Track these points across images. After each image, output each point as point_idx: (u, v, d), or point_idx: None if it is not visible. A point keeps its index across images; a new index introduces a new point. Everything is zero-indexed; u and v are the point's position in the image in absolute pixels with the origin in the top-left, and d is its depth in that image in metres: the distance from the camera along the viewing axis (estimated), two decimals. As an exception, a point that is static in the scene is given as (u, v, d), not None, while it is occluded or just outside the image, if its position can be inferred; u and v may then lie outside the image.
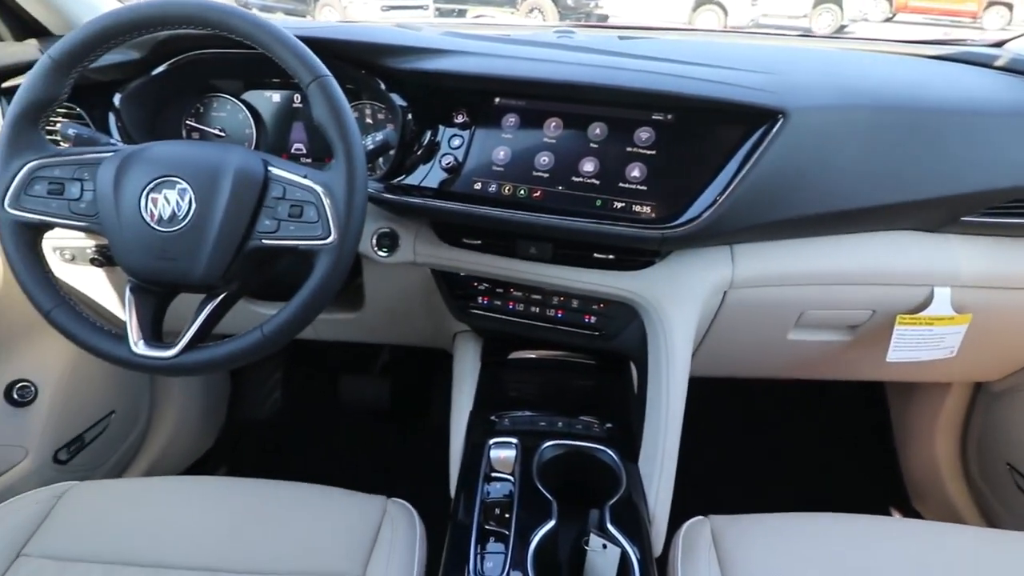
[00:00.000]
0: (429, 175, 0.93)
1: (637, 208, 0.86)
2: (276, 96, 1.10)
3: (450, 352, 1.24)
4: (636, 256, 0.94)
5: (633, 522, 0.81)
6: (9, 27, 1.10)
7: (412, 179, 0.94)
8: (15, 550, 0.80)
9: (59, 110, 1.02)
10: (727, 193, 0.83)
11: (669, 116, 0.86)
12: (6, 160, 0.76)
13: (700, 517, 0.89)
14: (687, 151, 0.86)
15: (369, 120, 1.06)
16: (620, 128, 0.88)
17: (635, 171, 0.86)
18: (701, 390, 1.09)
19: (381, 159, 1.04)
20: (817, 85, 0.89)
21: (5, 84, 1.03)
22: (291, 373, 1.80)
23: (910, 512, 1.56)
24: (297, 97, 1.09)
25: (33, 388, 1.18)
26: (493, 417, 1.01)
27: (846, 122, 0.87)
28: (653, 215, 0.85)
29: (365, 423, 1.76)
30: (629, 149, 0.87)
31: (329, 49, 0.92)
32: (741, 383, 1.29)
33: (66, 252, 1.11)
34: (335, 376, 1.76)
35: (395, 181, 0.95)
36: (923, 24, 10.54)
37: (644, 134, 0.87)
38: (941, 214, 0.94)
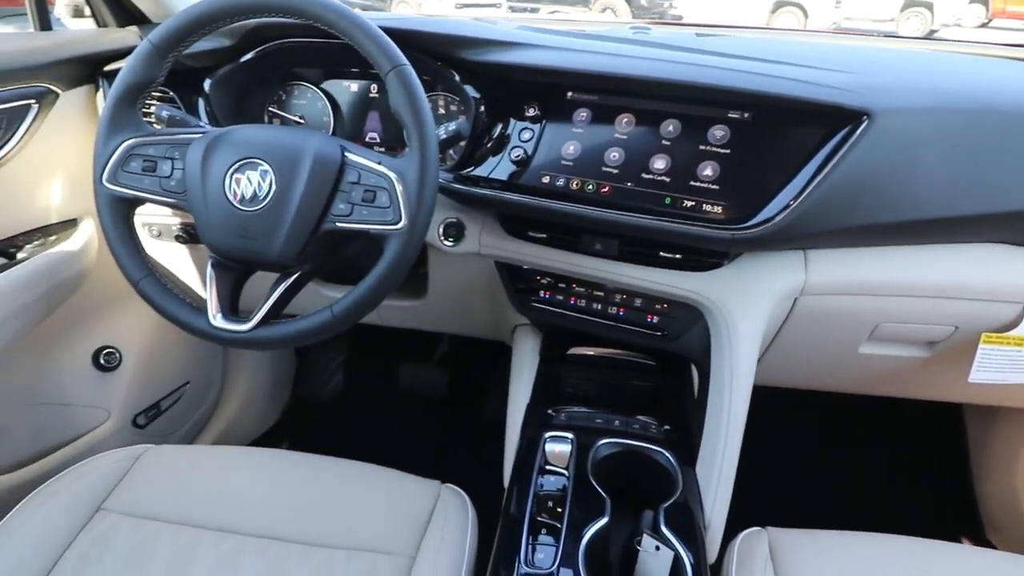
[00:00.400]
0: (498, 167, 0.94)
1: (707, 208, 0.84)
2: (354, 85, 1.13)
3: (509, 345, 1.24)
4: (704, 257, 0.92)
5: (688, 527, 0.80)
6: (113, 14, 1.18)
7: (481, 170, 0.95)
8: (96, 504, 0.85)
9: (154, 93, 1.08)
10: (803, 196, 0.80)
11: (746, 115, 0.84)
12: (106, 138, 0.81)
13: (757, 528, 0.87)
14: (763, 151, 0.83)
15: (442, 111, 1.08)
16: (694, 126, 0.86)
17: (707, 170, 0.85)
18: (765, 398, 1.06)
19: (452, 150, 1.06)
20: (904, 87, 0.85)
21: (107, 67, 1.10)
22: (353, 357, 1.85)
23: (983, 543, 1.47)
24: (374, 87, 1.12)
25: (118, 355, 1.25)
26: (550, 411, 1.01)
27: (935, 126, 0.82)
28: (724, 215, 0.83)
29: (421, 410, 1.80)
30: (702, 147, 0.85)
31: (408, 40, 0.94)
32: (808, 394, 1.24)
33: (154, 228, 1.17)
34: (395, 363, 1.80)
35: (464, 172, 0.96)
36: (1021, 31, 9.86)
37: (719, 132, 0.85)
38: (1036, 227, 0.88)
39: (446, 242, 1.03)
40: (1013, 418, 1.39)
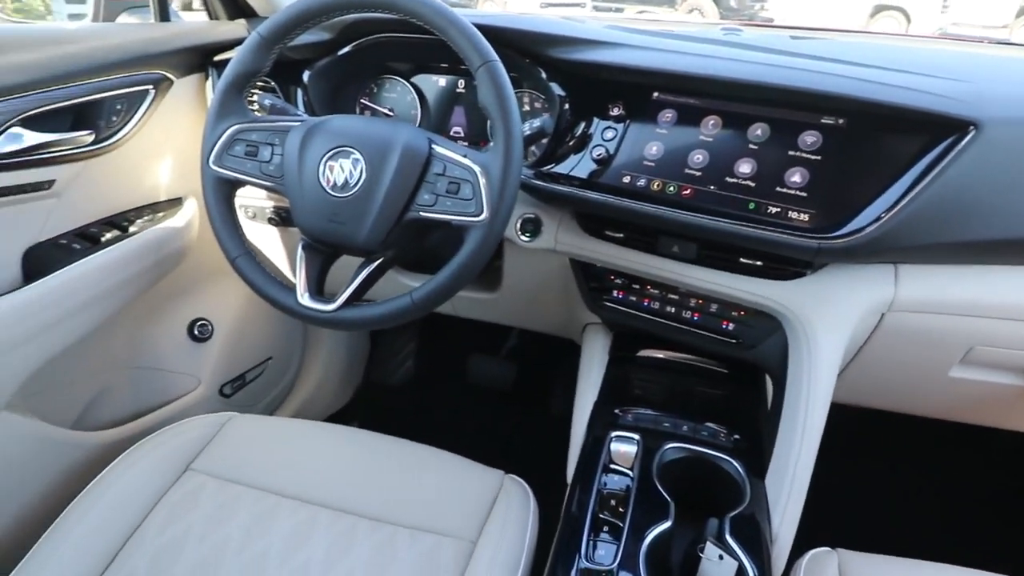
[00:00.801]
0: (579, 165, 0.95)
1: (794, 215, 0.82)
2: (442, 80, 1.16)
3: (578, 343, 1.25)
4: (786, 265, 0.90)
5: (754, 539, 0.78)
6: (224, 8, 1.25)
7: (562, 168, 0.96)
8: (185, 464, 0.91)
9: (258, 83, 1.15)
10: (898, 208, 0.77)
11: (841, 121, 0.81)
12: (215, 123, 0.87)
13: (827, 548, 0.84)
14: (857, 159, 0.80)
15: (527, 108, 1.09)
16: (784, 130, 0.84)
17: (796, 176, 0.82)
18: (844, 413, 1.02)
19: (534, 146, 1.07)
20: (1014, 96, 0.80)
21: (217, 57, 1.17)
22: (424, 345, 1.90)
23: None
24: (461, 83, 1.15)
25: (211, 327, 1.34)
26: (616, 411, 1.01)
27: (1050, 139, 0.77)
28: (811, 223, 0.81)
29: (487, 401, 1.82)
30: (792, 153, 0.83)
31: (497, 36, 0.95)
32: (892, 416, 1.19)
33: (249, 210, 1.24)
34: (464, 353, 1.83)
35: (545, 169, 0.97)
36: None
37: (810, 138, 0.82)
38: None
39: (523, 237, 1.04)
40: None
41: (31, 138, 0.91)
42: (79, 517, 0.81)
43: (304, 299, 0.84)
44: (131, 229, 1.09)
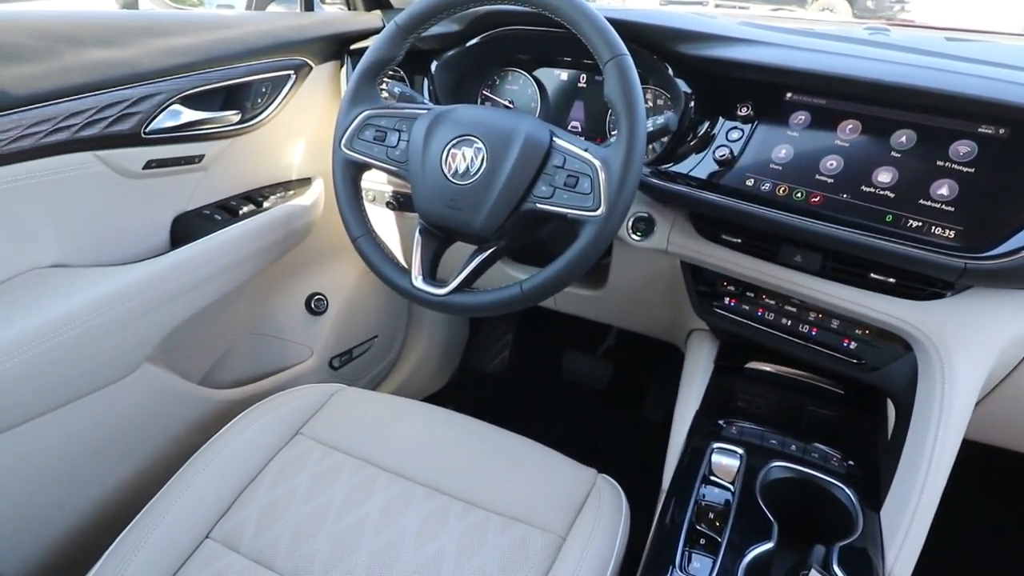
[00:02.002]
0: (699, 165, 0.92)
1: (937, 230, 0.75)
2: (564, 74, 1.16)
3: (680, 349, 1.21)
4: (924, 284, 0.83)
5: (865, 573, 0.73)
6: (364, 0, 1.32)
7: (680, 167, 0.93)
8: (296, 428, 0.97)
9: (389, 72, 1.19)
10: None
11: (1002, 131, 0.74)
12: (349, 107, 0.91)
13: None
14: (1017, 173, 0.73)
15: (650, 104, 1.07)
16: (933, 139, 0.78)
17: (943, 188, 0.76)
18: (976, 452, 0.93)
19: (655, 143, 1.05)
20: None
21: (353, 46, 1.23)
22: (522, 337, 1.91)
23: None
24: (583, 77, 1.14)
25: (326, 301, 1.41)
26: (720, 422, 0.98)
27: None
28: (957, 241, 0.74)
29: (580, 399, 1.81)
30: (940, 163, 0.77)
31: (626, 31, 0.94)
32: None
33: (369, 193, 1.30)
34: (560, 349, 1.83)
35: (663, 167, 0.95)
36: None
37: (963, 148, 0.76)
38: None
39: (634, 236, 1.03)
40: None
41: (187, 115, 1.00)
42: (201, 467, 0.88)
43: (418, 282, 0.86)
44: (265, 204, 1.17)
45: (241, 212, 1.12)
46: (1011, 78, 0.76)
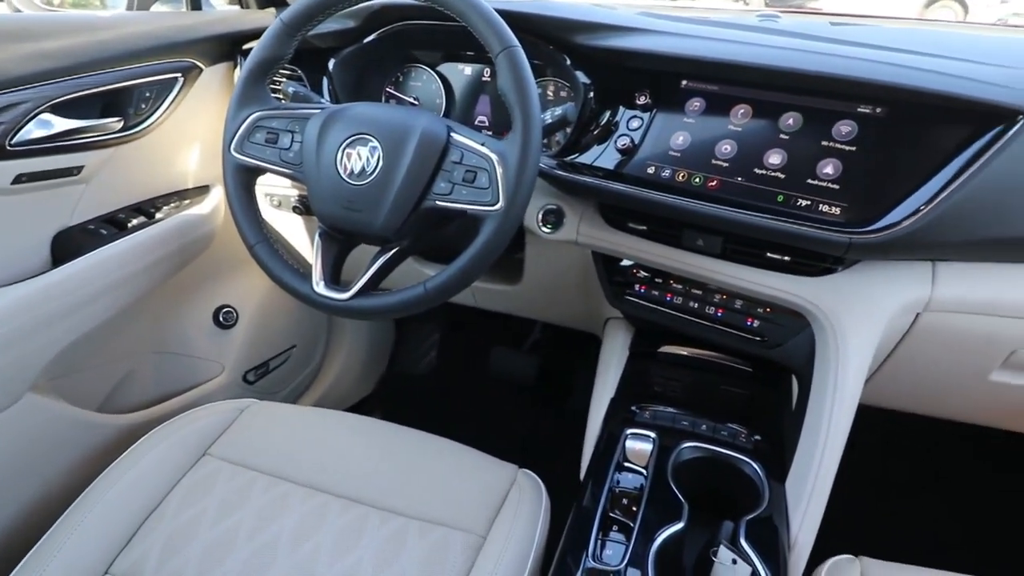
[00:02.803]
0: (603, 155, 0.92)
1: (825, 208, 0.78)
2: (468, 69, 1.15)
3: (600, 337, 1.22)
4: (816, 261, 0.86)
5: (770, 543, 0.75)
6: (255, -3, 1.26)
7: (585, 158, 0.94)
8: (202, 449, 0.92)
9: (284, 71, 1.15)
10: (937, 201, 0.73)
11: (878, 110, 0.78)
12: (236, 110, 0.87)
13: (849, 556, 0.80)
14: (894, 150, 0.76)
15: (551, 96, 1.07)
16: (817, 120, 0.80)
17: (828, 167, 0.79)
18: (873, 416, 0.97)
19: (558, 135, 1.05)
20: None
21: (245, 46, 1.18)
22: (449, 336, 1.89)
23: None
24: (487, 71, 1.13)
25: (235, 314, 1.35)
26: (634, 408, 0.99)
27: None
28: (843, 217, 0.77)
29: (508, 395, 1.81)
30: (825, 143, 0.80)
31: (520, 22, 0.94)
32: (925, 420, 1.13)
33: (274, 199, 1.25)
34: (488, 346, 1.82)
35: (568, 158, 0.95)
36: None
37: (845, 128, 0.79)
38: None
39: (544, 228, 1.02)
40: None
41: (61, 124, 0.93)
42: (97, 498, 0.83)
43: (319, 287, 0.83)
44: (157, 215, 1.11)
45: (131, 225, 1.06)
46: (887, 59, 0.80)
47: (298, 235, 1.31)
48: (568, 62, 0.98)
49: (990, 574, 0.79)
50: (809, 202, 0.79)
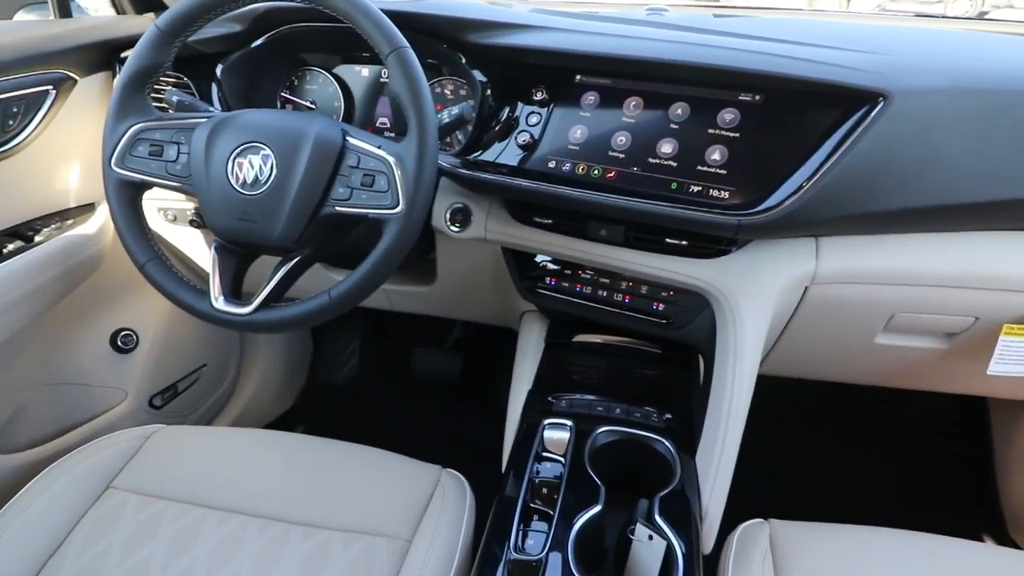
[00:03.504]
0: (504, 152, 0.93)
1: (715, 193, 0.82)
2: (365, 71, 1.13)
3: (518, 331, 1.24)
4: (711, 243, 0.90)
5: (683, 516, 0.78)
6: (131, 1, 1.19)
7: (487, 155, 0.94)
8: (105, 482, 0.87)
9: (169, 79, 1.09)
10: (813, 181, 0.78)
11: (757, 97, 0.82)
12: (115, 122, 0.82)
13: (759, 520, 0.85)
14: (774, 135, 0.81)
15: (450, 96, 1.07)
16: (703, 109, 0.84)
17: (715, 154, 0.83)
18: (778, 389, 1.03)
19: (459, 134, 1.05)
20: (925, 67, 0.81)
21: (124, 54, 1.11)
22: (369, 343, 1.86)
23: (1006, 543, 1.43)
24: (385, 72, 1.12)
25: (135, 337, 1.28)
26: (551, 398, 1.01)
27: (957, 108, 0.79)
28: (731, 201, 0.81)
29: (434, 395, 1.80)
30: (711, 131, 0.83)
31: (413, 22, 0.93)
32: (824, 386, 1.21)
33: (169, 213, 1.19)
34: (409, 348, 1.81)
35: (471, 157, 0.95)
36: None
37: (728, 115, 0.83)
38: (1063, 214, 0.84)
39: (452, 227, 1.03)
40: (1041, 413, 1.34)
41: (-87, 146, 0.85)
42: None
43: (218, 303, 0.80)
44: (37, 238, 1.03)
45: (6, 250, 0.98)
46: (763, 49, 0.84)
47: (199, 250, 1.26)
48: (464, 61, 0.98)
49: (892, 522, 0.85)
50: (700, 188, 0.83)
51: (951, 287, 0.90)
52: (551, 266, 1.07)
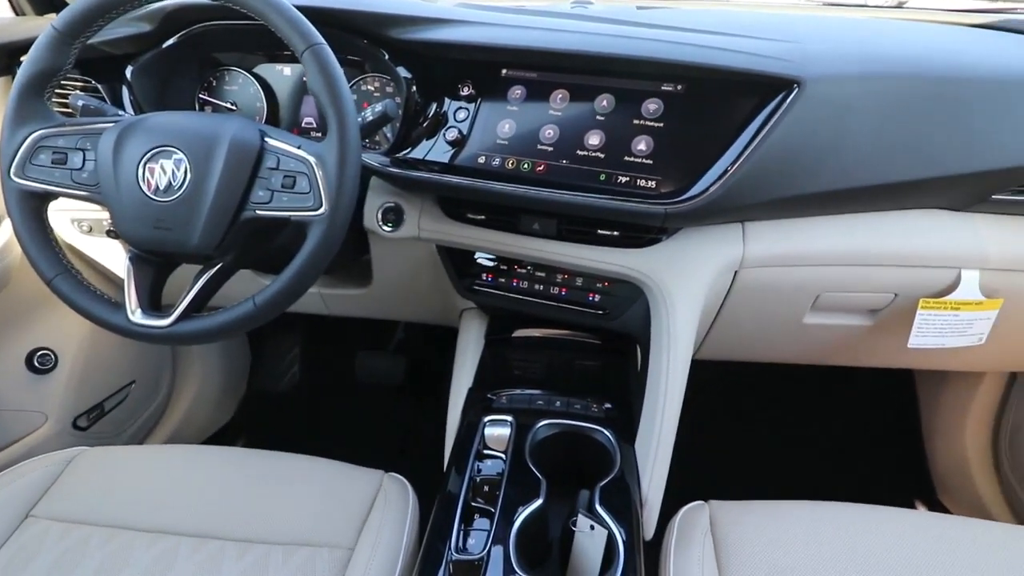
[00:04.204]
0: (434, 149, 0.92)
1: (642, 182, 0.83)
2: (287, 69, 1.10)
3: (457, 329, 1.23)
4: (641, 233, 0.91)
5: (623, 504, 0.79)
6: (31, 1, 1.12)
7: (417, 153, 0.93)
8: (24, 511, 0.82)
9: (77, 83, 1.04)
10: (735, 167, 0.79)
11: (679, 87, 0.83)
12: (12, 130, 0.77)
13: (699, 502, 0.87)
14: (696, 123, 0.82)
15: (375, 93, 1.05)
16: (628, 100, 0.85)
17: (641, 144, 0.83)
18: (712, 373, 1.05)
19: (387, 132, 1.03)
20: (836, 53, 0.84)
21: (24, 57, 1.04)
22: (309, 348, 1.82)
23: (936, 507, 1.50)
24: (307, 71, 1.08)
25: (53, 356, 1.21)
26: (491, 395, 1.00)
27: (866, 93, 0.82)
28: (658, 190, 0.82)
29: (378, 399, 1.78)
30: (636, 121, 0.84)
31: (331, 18, 0.91)
32: (757, 367, 1.25)
33: (84, 224, 1.13)
34: (351, 352, 1.77)
35: (400, 155, 0.94)
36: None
37: (652, 106, 0.84)
38: (970, 191, 0.89)
39: (385, 227, 1.01)
40: (960, 382, 1.41)
41: None
42: None
43: (135, 316, 0.77)
44: (-66, 257, 0.96)
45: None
46: (684, 39, 0.85)
47: (118, 261, 1.20)
48: (387, 57, 0.96)
49: (829, 495, 0.88)
50: (628, 178, 0.83)
51: (871, 265, 0.94)
52: (487, 262, 1.06)
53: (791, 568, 0.75)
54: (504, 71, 0.91)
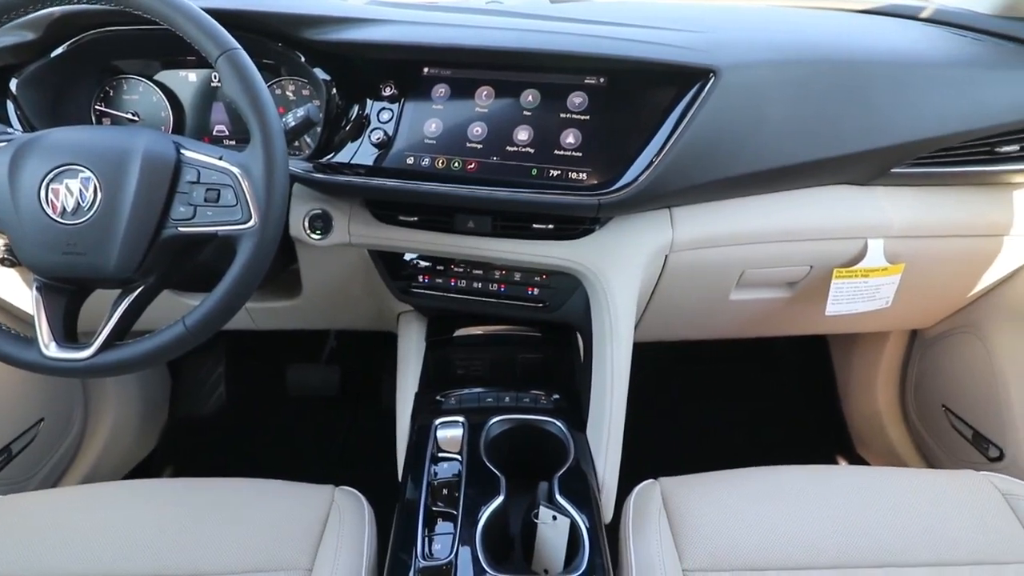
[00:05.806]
0: (359, 152, 0.90)
1: (573, 175, 0.84)
2: (192, 76, 1.04)
3: (396, 334, 1.21)
4: (575, 224, 0.93)
5: (582, 491, 0.81)
6: None
7: (341, 156, 0.90)
8: None
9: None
10: (661, 156, 0.82)
11: (602, 80, 0.85)
12: None
13: (650, 480, 0.89)
14: (621, 115, 0.84)
15: (292, 97, 1.01)
16: (553, 94, 0.86)
17: (569, 138, 0.85)
18: (646, 355, 1.09)
19: (308, 137, 1.00)
20: (747, 42, 0.88)
21: None
22: (235, 366, 1.74)
23: (855, 458, 1.62)
24: (215, 76, 1.03)
25: (-53, 400, 1.10)
26: (439, 397, 0.99)
27: (776, 79, 0.86)
28: (589, 182, 0.84)
29: (315, 412, 1.72)
30: (563, 115, 0.85)
31: (241, 21, 0.87)
32: (687, 346, 1.30)
33: (-26, 254, 1.03)
34: (281, 366, 1.71)
35: (324, 160, 0.91)
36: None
37: (577, 99, 0.85)
38: (871, 167, 0.96)
39: (313, 235, 0.97)
40: (869, 343, 1.53)
41: None
42: None
43: (50, 350, 0.71)
44: None
45: None
46: (603, 33, 0.87)
47: (18, 292, 1.10)
48: (303, 59, 0.93)
49: (765, 459, 0.93)
50: (559, 172, 0.84)
51: (788, 241, 1.00)
52: (422, 263, 1.05)
53: (741, 529, 0.79)
54: (426, 70, 0.90)
